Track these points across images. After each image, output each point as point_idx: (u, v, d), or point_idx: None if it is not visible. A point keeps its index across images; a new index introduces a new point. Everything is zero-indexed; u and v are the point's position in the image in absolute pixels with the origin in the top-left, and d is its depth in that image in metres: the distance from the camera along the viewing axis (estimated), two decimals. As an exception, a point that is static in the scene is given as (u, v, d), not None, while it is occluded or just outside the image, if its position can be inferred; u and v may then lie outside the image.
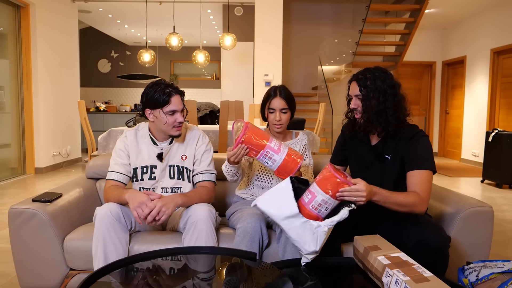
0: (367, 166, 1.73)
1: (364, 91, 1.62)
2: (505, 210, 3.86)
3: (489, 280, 1.45)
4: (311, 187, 1.40)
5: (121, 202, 1.70)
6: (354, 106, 1.66)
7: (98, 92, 9.77)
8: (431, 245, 1.40)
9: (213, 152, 1.98)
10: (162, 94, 1.73)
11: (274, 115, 1.89)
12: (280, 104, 1.88)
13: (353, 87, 1.68)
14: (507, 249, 2.80)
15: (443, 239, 1.43)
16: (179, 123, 1.77)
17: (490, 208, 1.68)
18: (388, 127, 1.62)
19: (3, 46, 5.05)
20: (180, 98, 1.78)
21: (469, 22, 7.12)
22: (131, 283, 1.32)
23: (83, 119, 4.49)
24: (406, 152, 1.62)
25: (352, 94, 1.68)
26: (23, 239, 1.70)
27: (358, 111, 1.66)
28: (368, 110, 1.62)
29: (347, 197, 1.37)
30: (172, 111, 1.74)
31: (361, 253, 1.35)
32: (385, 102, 1.60)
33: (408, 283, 1.06)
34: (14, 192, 4.41)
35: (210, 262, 1.48)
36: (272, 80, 5.77)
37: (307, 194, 1.40)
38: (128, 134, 1.88)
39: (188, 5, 6.40)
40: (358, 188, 1.37)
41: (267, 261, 1.61)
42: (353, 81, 1.69)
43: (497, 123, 6.44)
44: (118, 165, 1.82)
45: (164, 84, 1.77)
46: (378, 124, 1.62)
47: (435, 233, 1.44)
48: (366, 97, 1.62)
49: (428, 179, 1.57)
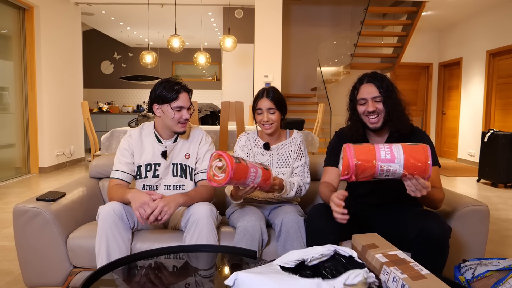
0: None
1: (383, 91, 1.59)
2: (500, 209, 3.86)
3: (484, 277, 1.45)
4: (395, 148, 1.30)
5: (124, 201, 1.70)
6: (373, 108, 1.60)
7: (101, 93, 9.77)
8: (433, 234, 1.40)
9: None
10: (171, 90, 1.77)
11: (262, 115, 1.88)
12: (267, 104, 1.87)
13: (368, 89, 1.62)
14: (502, 247, 2.80)
15: (445, 229, 1.43)
16: (184, 119, 1.79)
17: (486, 207, 1.68)
18: (402, 126, 1.62)
19: (7, 48, 5.06)
20: (188, 96, 1.81)
21: (465, 24, 7.13)
22: (133, 281, 1.32)
23: (86, 119, 4.50)
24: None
25: (369, 96, 1.61)
26: (27, 238, 1.70)
27: (375, 113, 1.61)
28: (391, 109, 1.59)
29: (413, 185, 1.32)
30: (179, 107, 1.77)
31: (359, 251, 1.35)
32: (401, 103, 1.62)
33: (406, 280, 1.06)
34: (18, 191, 4.41)
35: (211, 260, 1.48)
36: (272, 81, 5.76)
37: (386, 151, 1.29)
38: (132, 133, 1.89)
39: (190, 7, 6.39)
40: (427, 184, 1.33)
41: (267, 259, 1.61)
42: (366, 83, 1.63)
43: (492, 124, 6.44)
44: (122, 164, 1.83)
45: (173, 81, 1.81)
46: (398, 123, 1.61)
47: (437, 222, 1.43)
48: (386, 97, 1.59)
49: (438, 175, 1.62)
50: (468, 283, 1.49)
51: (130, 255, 1.38)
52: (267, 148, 1.95)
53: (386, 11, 6.96)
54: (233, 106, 3.85)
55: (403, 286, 1.05)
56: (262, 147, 1.97)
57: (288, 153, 1.95)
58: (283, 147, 1.97)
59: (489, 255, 2.53)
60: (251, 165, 1.54)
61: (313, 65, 7.61)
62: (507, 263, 1.46)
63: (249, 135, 2.03)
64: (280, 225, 1.69)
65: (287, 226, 1.66)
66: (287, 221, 1.67)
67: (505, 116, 6.14)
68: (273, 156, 1.95)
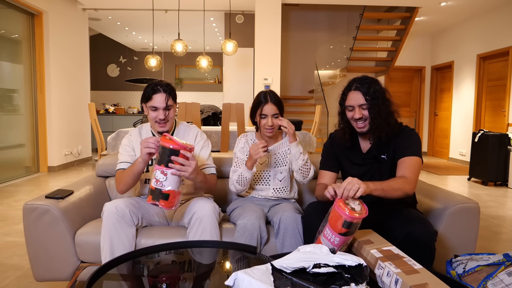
0: (366, 171, 1.70)
1: (369, 98, 1.57)
2: (490, 206, 3.86)
3: (475, 272, 1.45)
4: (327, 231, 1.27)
5: (135, 171, 1.67)
6: (359, 115, 1.59)
7: (107, 95, 9.77)
8: (418, 238, 1.39)
9: (210, 148, 1.98)
10: (149, 90, 1.77)
11: (266, 120, 1.85)
12: (272, 109, 1.85)
13: (355, 96, 1.60)
14: (492, 242, 2.80)
15: (430, 233, 1.42)
16: (159, 119, 1.77)
17: (477, 204, 1.68)
18: (391, 131, 1.61)
19: (18, 52, 5.05)
20: (165, 96, 1.76)
21: (456, 29, 7.13)
22: (138, 275, 1.32)
23: (93, 120, 4.49)
24: (395, 144, 1.62)
25: (356, 103, 1.59)
26: (37, 234, 1.70)
27: (362, 119, 1.60)
28: (376, 117, 1.57)
29: (345, 193, 1.28)
30: (153, 107, 1.76)
31: (355, 247, 1.35)
32: (388, 108, 1.60)
33: (399, 275, 1.06)
34: (28, 189, 4.41)
35: (214, 255, 1.48)
36: (271, 84, 5.76)
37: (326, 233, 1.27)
38: (132, 132, 1.92)
39: (192, 13, 6.39)
40: (349, 181, 1.31)
41: (266, 254, 1.61)
42: (353, 90, 1.61)
43: (483, 124, 6.44)
44: (126, 156, 1.83)
45: (156, 82, 1.78)
46: (385, 129, 1.59)
47: (422, 227, 1.43)
48: (372, 104, 1.57)
49: (417, 163, 1.57)
50: (460, 277, 1.49)
51: (134, 251, 1.38)
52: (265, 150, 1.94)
53: (381, 16, 6.96)
54: (234, 107, 3.85)
55: (397, 280, 1.05)
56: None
57: (285, 152, 1.95)
58: (279, 147, 1.97)
59: (479, 250, 2.53)
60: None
61: (310, 68, 7.61)
62: (496, 258, 1.46)
63: (247, 137, 2.01)
64: (278, 222, 1.68)
65: (285, 223, 1.66)
66: (285, 219, 1.67)
67: (495, 117, 6.14)
68: (271, 157, 1.95)
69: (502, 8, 5.90)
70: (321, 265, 1.11)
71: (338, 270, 1.11)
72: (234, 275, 1.04)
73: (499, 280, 1.36)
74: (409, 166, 1.56)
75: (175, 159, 1.47)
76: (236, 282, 1.04)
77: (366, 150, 1.70)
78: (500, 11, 5.95)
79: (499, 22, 5.96)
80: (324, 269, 1.10)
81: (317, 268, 1.11)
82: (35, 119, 5.39)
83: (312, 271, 1.11)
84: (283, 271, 1.12)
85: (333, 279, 1.10)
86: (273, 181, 1.94)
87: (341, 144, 1.75)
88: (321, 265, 1.11)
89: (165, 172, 1.46)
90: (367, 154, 1.70)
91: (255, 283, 1.01)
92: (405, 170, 1.56)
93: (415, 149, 1.59)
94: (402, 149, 1.60)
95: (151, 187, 1.48)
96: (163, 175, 1.46)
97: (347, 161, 1.75)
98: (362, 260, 1.12)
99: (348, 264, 1.11)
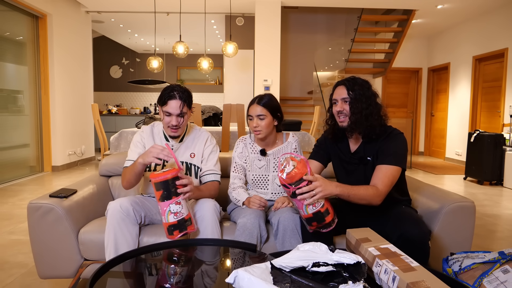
0: (352, 170, 1.70)
1: (352, 94, 1.59)
2: (486, 205, 3.86)
3: (471, 269, 1.45)
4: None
5: (136, 171, 1.68)
6: (340, 109, 1.62)
7: (110, 96, 9.77)
8: (411, 238, 1.40)
9: (219, 153, 1.97)
10: (166, 95, 1.75)
11: (252, 121, 1.86)
12: (256, 110, 1.83)
13: (340, 91, 1.63)
14: (487, 240, 2.80)
15: (423, 233, 1.43)
16: (172, 125, 1.76)
17: (472, 203, 1.68)
18: (372, 131, 1.60)
19: (22, 53, 5.05)
20: (180, 104, 1.74)
21: (452, 31, 7.13)
22: (141, 273, 1.32)
23: (96, 121, 4.49)
24: (380, 148, 1.61)
25: (339, 97, 1.63)
26: (41, 232, 1.70)
27: (343, 113, 1.62)
28: (356, 112, 1.58)
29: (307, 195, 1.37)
30: (168, 112, 1.75)
31: (353, 245, 1.35)
32: (370, 107, 1.59)
33: (396, 272, 1.06)
34: (32, 188, 4.41)
35: (215, 252, 1.48)
36: (271, 85, 5.77)
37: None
38: (144, 129, 1.92)
39: (194, 15, 6.39)
40: (314, 185, 1.37)
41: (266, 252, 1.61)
42: (339, 85, 1.64)
43: (478, 125, 6.44)
44: (134, 154, 1.83)
45: (173, 87, 1.77)
46: (364, 127, 1.59)
47: (416, 227, 1.43)
48: (354, 99, 1.59)
49: (392, 175, 1.55)
50: (456, 274, 1.49)
51: (137, 249, 1.38)
52: (263, 154, 1.93)
53: (379, 19, 6.96)
54: (235, 108, 3.85)
55: (394, 277, 1.05)
56: (258, 153, 1.94)
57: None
58: (279, 152, 1.94)
59: (475, 248, 2.53)
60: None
61: (309, 70, 7.61)
62: (492, 256, 1.46)
63: (246, 141, 1.99)
64: (277, 224, 1.67)
65: (284, 225, 1.65)
66: (284, 220, 1.65)
67: (490, 118, 6.14)
68: (269, 161, 1.93)
69: (497, 11, 5.90)
70: (320, 264, 1.11)
71: (336, 268, 1.11)
72: (235, 272, 1.04)
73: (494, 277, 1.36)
74: (383, 176, 1.54)
75: (180, 182, 1.50)
76: (237, 280, 1.04)
77: (354, 150, 1.71)
78: (495, 14, 5.95)
79: (495, 24, 5.96)
80: (323, 268, 1.11)
81: (316, 267, 1.11)
82: (39, 119, 5.39)
83: (311, 270, 1.11)
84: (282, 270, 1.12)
85: (332, 276, 1.10)
86: (272, 185, 1.93)
87: (332, 142, 1.76)
88: (320, 263, 1.12)
89: (179, 201, 1.50)
90: (354, 155, 1.70)
91: (255, 281, 1.02)
92: (378, 180, 1.54)
93: (398, 157, 1.57)
94: (384, 155, 1.58)
95: (172, 224, 1.50)
96: (178, 205, 1.49)
97: (337, 159, 1.77)
98: (360, 258, 1.12)
99: (346, 262, 1.11)
